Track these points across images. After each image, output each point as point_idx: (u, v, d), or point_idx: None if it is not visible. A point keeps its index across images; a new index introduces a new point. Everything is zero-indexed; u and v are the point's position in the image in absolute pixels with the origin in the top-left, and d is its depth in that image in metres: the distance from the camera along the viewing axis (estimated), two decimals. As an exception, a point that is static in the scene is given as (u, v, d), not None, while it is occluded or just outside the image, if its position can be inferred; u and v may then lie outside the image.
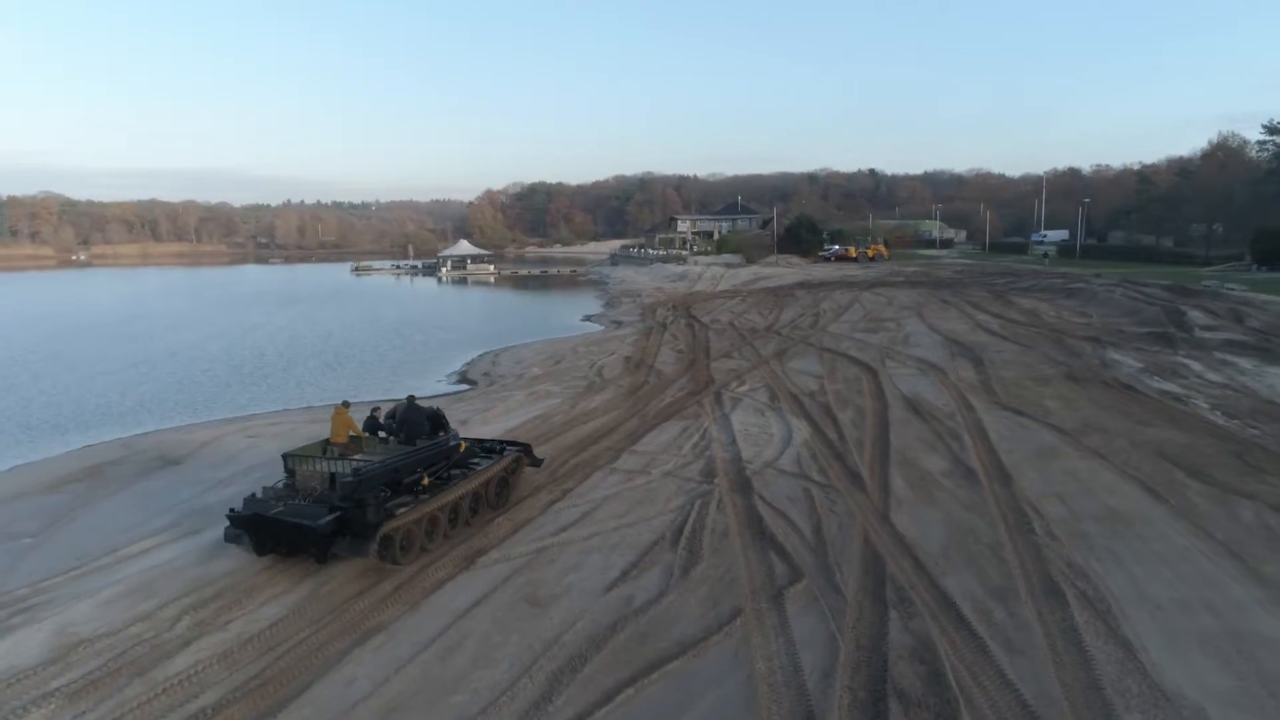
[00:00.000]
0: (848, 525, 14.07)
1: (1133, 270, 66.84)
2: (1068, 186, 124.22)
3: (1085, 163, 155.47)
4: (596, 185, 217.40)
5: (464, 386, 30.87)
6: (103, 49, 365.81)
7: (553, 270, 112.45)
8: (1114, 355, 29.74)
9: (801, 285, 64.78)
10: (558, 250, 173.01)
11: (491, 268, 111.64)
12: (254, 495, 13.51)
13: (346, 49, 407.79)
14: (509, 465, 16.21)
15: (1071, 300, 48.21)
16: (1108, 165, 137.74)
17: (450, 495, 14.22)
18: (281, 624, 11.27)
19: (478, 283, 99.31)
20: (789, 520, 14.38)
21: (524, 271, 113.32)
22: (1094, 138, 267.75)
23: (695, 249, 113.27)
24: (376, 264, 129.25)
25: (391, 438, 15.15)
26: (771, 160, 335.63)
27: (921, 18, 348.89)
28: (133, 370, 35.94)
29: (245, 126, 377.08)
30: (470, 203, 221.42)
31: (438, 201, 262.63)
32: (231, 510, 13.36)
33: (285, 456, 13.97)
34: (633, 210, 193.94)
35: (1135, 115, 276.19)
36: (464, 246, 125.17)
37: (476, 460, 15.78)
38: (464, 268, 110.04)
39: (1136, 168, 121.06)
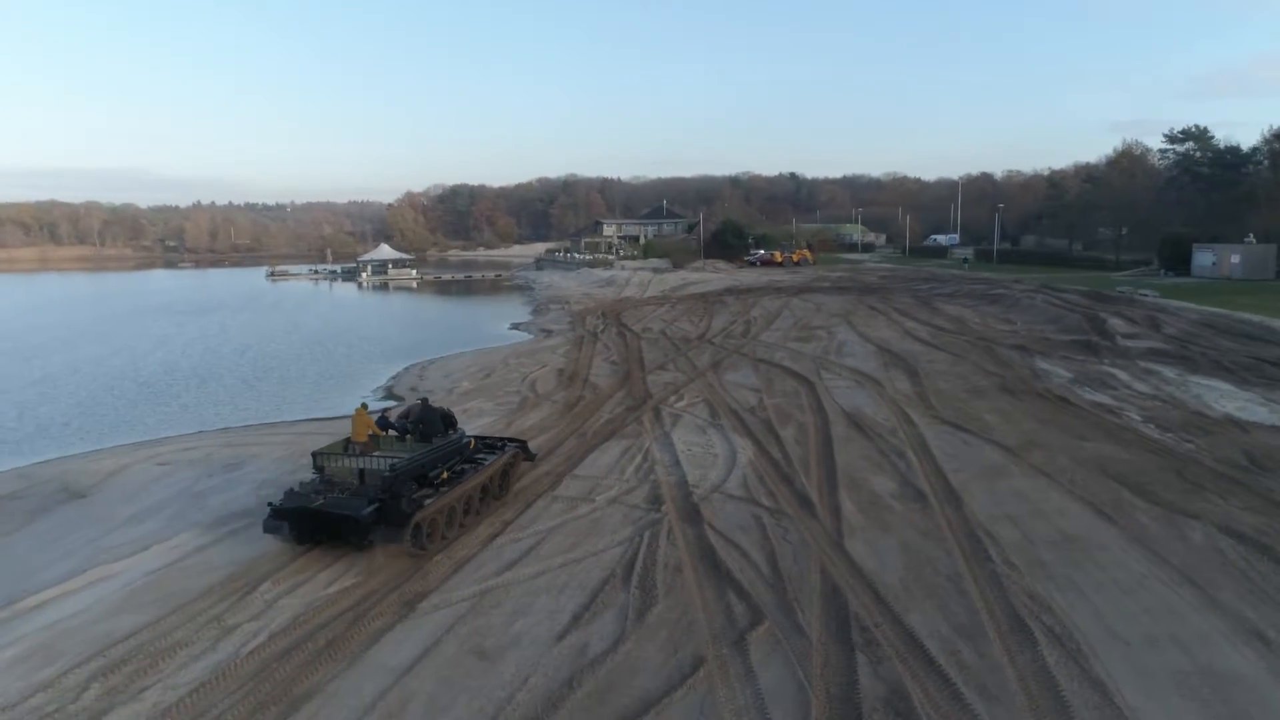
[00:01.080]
0: (803, 556, 13.66)
1: (1048, 275, 68.87)
2: (981, 191, 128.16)
3: (997, 168, 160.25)
4: (520, 187, 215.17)
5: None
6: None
7: (477, 275, 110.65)
8: (1043, 365, 30.24)
9: (729, 291, 64.92)
10: (481, 254, 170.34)
11: (414, 272, 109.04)
12: (293, 490, 14.71)
13: (259, 45, 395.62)
14: (509, 460, 17.50)
15: (994, 307, 49.22)
16: (1019, 171, 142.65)
17: (465, 487, 15.47)
18: (202, 690, 10.25)
19: (400, 288, 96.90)
20: (742, 552, 13.90)
21: (447, 276, 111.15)
22: (1005, 142, 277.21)
23: (622, 253, 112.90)
24: (293, 269, 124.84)
25: (408, 436, 16.14)
26: (694, 163, 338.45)
27: (833, 20, 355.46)
28: (30, 390, 33.61)
29: (152, 124, 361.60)
30: (390, 205, 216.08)
31: (356, 203, 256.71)
32: (272, 503, 14.49)
33: (315, 454, 15.15)
34: (557, 213, 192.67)
35: (1043, 120, 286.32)
36: (385, 250, 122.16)
37: (482, 455, 17.00)
38: (385, 272, 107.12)
39: (1046, 173, 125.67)
